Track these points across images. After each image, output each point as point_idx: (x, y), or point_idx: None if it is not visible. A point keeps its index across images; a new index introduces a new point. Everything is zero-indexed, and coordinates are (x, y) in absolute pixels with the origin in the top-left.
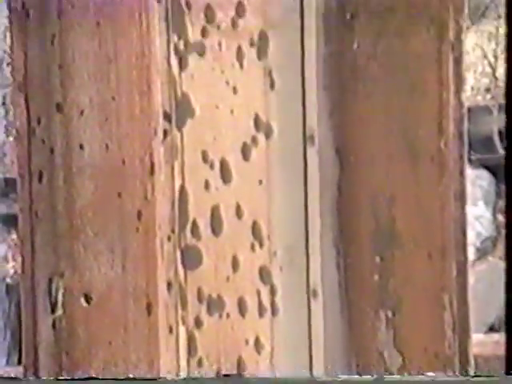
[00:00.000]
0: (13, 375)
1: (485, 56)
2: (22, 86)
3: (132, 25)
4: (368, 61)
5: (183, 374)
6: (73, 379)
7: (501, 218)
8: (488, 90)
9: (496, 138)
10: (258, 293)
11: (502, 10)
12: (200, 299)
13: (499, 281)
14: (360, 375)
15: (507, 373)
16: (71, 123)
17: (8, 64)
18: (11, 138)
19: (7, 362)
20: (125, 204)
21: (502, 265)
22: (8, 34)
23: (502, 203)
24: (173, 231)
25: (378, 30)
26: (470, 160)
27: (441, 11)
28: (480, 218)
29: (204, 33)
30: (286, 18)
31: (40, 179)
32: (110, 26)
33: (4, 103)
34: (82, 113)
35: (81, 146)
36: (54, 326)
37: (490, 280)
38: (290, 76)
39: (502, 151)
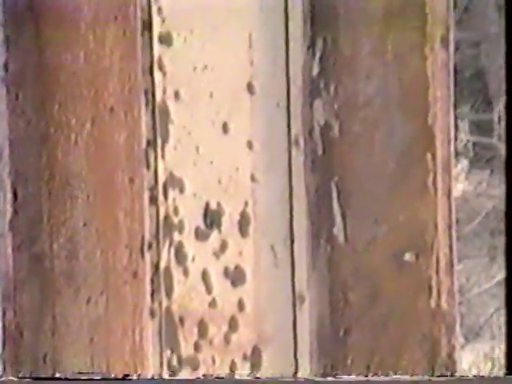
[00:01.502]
0: None
1: None
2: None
3: (125, 339)
4: None
5: None
6: (73, 379)
7: None
8: None
9: None
10: None
11: (498, 302)
12: None
13: None
14: None
15: (507, 373)
16: None
17: None
18: None
19: None
20: None
21: None
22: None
23: None
24: None
25: (371, 347)
26: None
27: (433, 328)
28: None
29: (197, 347)
30: (279, 332)
31: None
32: (103, 341)
33: None
34: None
35: None
36: None
37: None
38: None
39: None
